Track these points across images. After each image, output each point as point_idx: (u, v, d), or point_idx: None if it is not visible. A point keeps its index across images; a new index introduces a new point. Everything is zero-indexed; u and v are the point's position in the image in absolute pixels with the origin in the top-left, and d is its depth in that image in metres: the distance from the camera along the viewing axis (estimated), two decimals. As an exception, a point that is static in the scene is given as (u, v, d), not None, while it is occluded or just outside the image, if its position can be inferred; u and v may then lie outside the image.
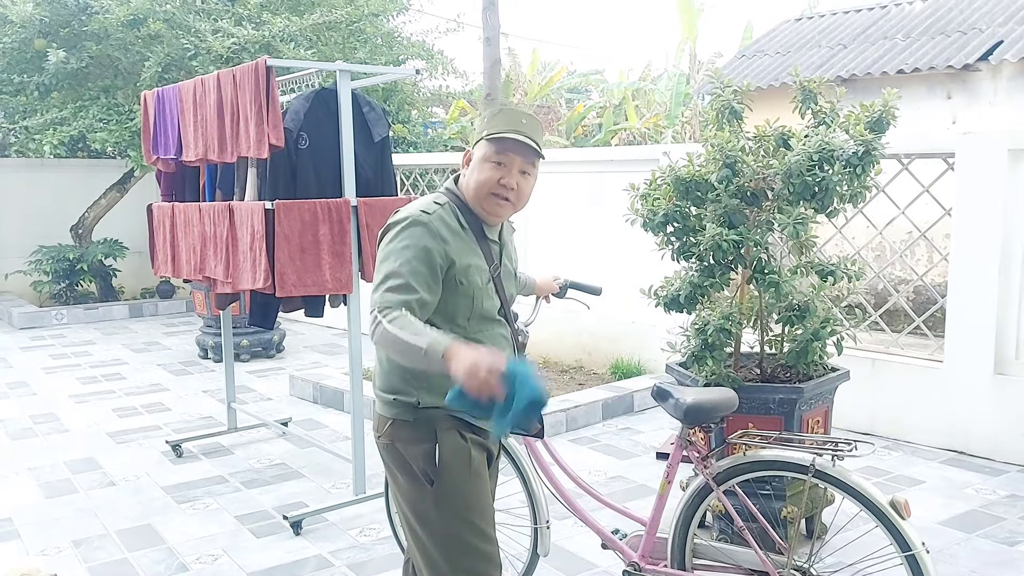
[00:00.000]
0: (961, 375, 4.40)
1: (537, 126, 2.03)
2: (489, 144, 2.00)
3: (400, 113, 9.80)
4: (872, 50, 8.36)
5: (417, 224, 1.94)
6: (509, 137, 1.97)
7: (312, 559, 3.32)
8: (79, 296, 9.49)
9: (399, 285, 1.88)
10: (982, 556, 3.24)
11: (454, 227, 1.99)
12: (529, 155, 2.00)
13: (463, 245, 1.99)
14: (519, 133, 1.98)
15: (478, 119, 2.27)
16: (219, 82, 3.74)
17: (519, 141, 1.98)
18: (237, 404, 4.90)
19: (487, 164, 2.00)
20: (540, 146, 2.01)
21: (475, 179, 2.01)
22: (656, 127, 12.91)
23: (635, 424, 5.05)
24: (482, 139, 2.02)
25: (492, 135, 1.99)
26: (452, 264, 1.96)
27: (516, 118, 2.01)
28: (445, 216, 1.99)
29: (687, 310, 3.26)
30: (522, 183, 2.02)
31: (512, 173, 2.00)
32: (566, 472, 2.77)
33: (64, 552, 3.40)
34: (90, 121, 7.90)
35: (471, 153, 2.06)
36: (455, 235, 1.98)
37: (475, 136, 2.07)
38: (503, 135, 1.98)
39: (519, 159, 2.00)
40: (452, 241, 1.97)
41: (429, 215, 1.97)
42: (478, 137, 2.05)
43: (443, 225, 1.97)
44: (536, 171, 2.06)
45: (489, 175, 1.99)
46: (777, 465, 2.41)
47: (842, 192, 3.07)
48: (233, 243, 3.72)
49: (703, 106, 10.93)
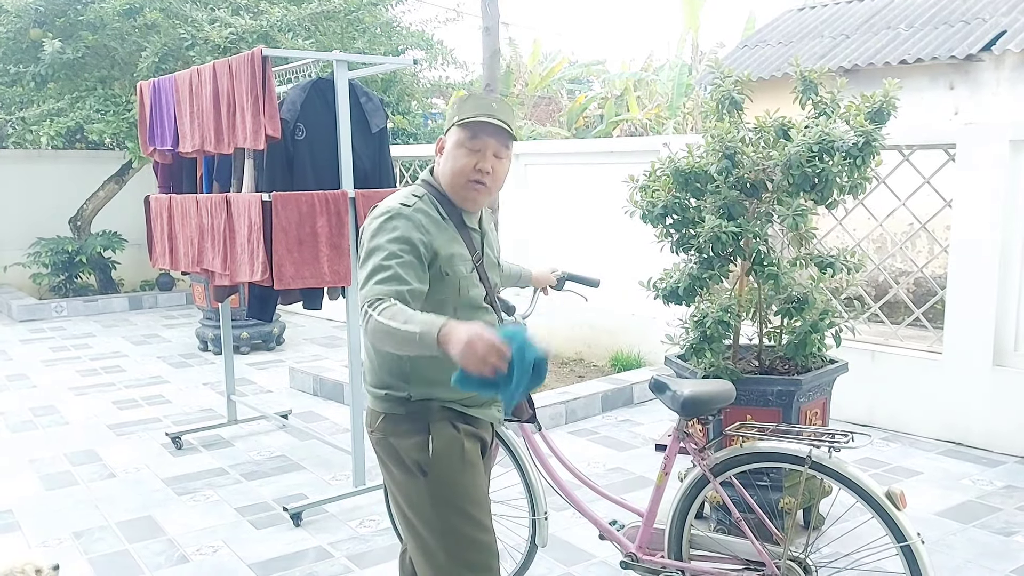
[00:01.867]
0: (960, 367, 4.39)
1: (508, 109, 2.03)
2: (461, 130, 1.98)
3: (400, 104, 9.76)
4: (875, 40, 8.32)
5: (399, 216, 1.93)
6: (481, 121, 1.95)
7: (312, 550, 3.33)
8: (78, 288, 9.49)
9: (388, 277, 1.87)
10: (978, 547, 3.25)
11: (435, 218, 1.99)
12: (502, 137, 1.98)
13: (445, 235, 1.99)
14: (491, 116, 1.96)
15: (449, 108, 2.25)
16: (215, 72, 3.73)
17: (491, 124, 1.96)
18: (237, 396, 4.90)
19: (461, 150, 1.98)
20: (512, 128, 2.00)
21: (450, 167, 2.00)
22: (658, 118, 12.86)
23: (634, 416, 5.06)
24: (454, 126, 2.00)
25: (463, 120, 1.97)
26: (436, 255, 1.96)
27: (486, 103, 1.99)
28: (425, 207, 1.98)
29: (686, 302, 3.26)
30: (497, 166, 2.01)
31: (487, 157, 1.98)
32: (564, 464, 2.78)
33: (65, 543, 3.41)
34: (87, 112, 7.87)
35: (443, 141, 2.04)
36: (436, 226, 1.98)
37: (447, 122, 2.05)
38: (475, 119, 1.96)
39: (492, 142, 1.98)
40: (434, 232, 1.96)
41: (409, 207, 1.96)
42: (449, 124, 2.03)
43: (424, 217, 1.96)
44: (510, 154, 2.05)
45: (465, 162, 1.98)
46: (774, 456, 2.41)
47: (842, 183, 3.06)
48: (231, 235, 3.71)
49: (704, 96, 10.89)
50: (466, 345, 1.62)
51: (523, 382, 1.64)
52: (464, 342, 1.62)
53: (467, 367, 1.63)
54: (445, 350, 1.67)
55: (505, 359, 1.62)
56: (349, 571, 3.14)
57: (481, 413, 2.07)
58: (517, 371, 1.63)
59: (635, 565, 2.64)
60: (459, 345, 1.63)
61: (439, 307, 1.97)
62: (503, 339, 1.63)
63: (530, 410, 2.21)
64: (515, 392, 1.65)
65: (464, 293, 2.01)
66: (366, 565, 3.19)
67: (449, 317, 1.88)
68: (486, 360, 1.61)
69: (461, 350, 1.63)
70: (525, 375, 1.64)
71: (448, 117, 2.05)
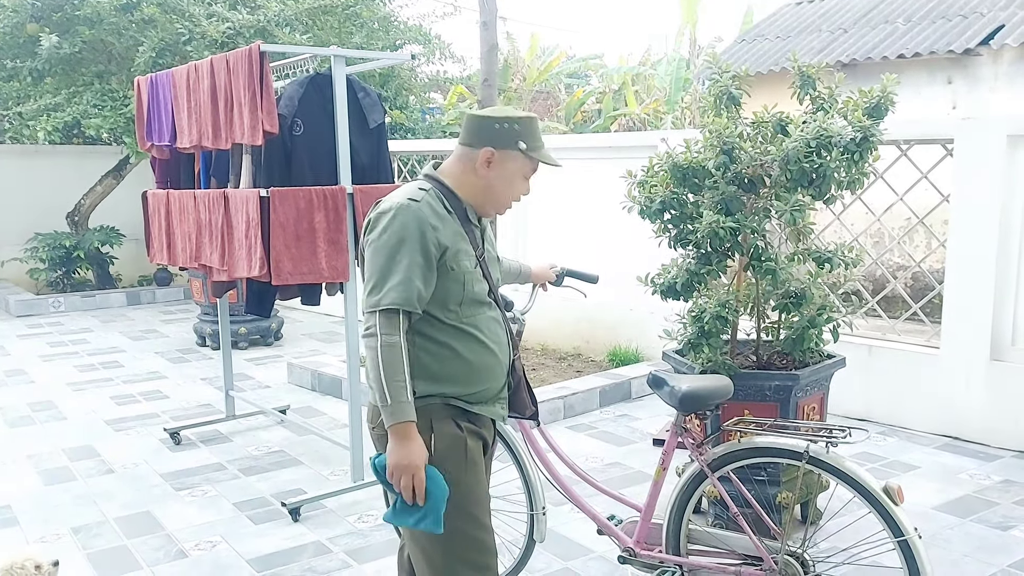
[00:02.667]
0: (957, 361, 4.40)
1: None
2: (527, 160, 2.04)
3: (397, 99, 9.74)
4: (873, 34, 8.31)
5: (408, 212, 1.92)
6: (550, 161, 2.06)
7: (310, 545, 3.33)
8: (76, 284, 9.47)
9: (401, 281, 1.88)
10: (975, 541, 3.26)
11: (441, 213, 1.98)
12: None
13: (451, 230, 1.99)
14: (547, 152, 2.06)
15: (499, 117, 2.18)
16: (212, 68, 3.72)
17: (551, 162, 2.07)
18: (235, 392, 4.90)
19: (520, 178, 2.06)
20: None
21: (504, 190, 2.05)
22: (656, 113, 12.85)
23: (632, 411, 5.07)
24: (518, 151, 2.01)
25: (532, 153, 2.03)
26: (445, 250, 1.95)
27: (540, 130, 2.08)
28: (432, 202, 1.98)
29: (684, 297, 3.26)
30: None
31: (529, 183, 2.10)
32: (562, 459, 2.78)
33: (63, 539, 3.41)
34: (84, 107, 7.85)
35: (494, 156, 2.00)
36: (443, 221, 1.98)
37: (501, 139, 2.00)
38: (544, 159, 2.05)
39: (537, 170, 2.10)
40: (442, 227, 1.96)
41: (418, 202, 1.95)
42: (510, 145, 2.00)
43: (432, 212, 1.96)
44: None
45: (520, 189, 2.08)
46: (772, 452, 2.42)
47: (840, 179, 3.06)
48: (228, 231, 3.71)
49: (702, 91, 10.88)
50: (398, 466, 1.87)
51: (403, 517, 1.93)
52: (398, 462, 1.87)
53: (389, 473, 1.89)
54: (390, 436, 1.88)
55: (419, 497, 1.89)
56: (348, 566, 3.15)
57: (485, 410, 2.06)
58: (415, 512, 1.91)
59: (633, 560, 2.65)
60: (395, 457, 1.88)
61: (445, 302, 1.97)
62: (429, 485, 1.89)
63: (533, 407, 2.22)
64: (399, 518, 1.94)
65: (469, 288, 2.00)
66: (365, 560, 3.19)
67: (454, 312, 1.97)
68: (406, 488, 1.88)
69: (395, 462, 1.88)
70: (413, 516, 1.91)
71: (503, 133, 2.00)
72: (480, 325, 2.01)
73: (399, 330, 1.88)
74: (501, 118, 2.00)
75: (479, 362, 2.00)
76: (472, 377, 2.00)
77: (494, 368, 2.05)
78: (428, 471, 1.89)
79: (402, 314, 1.89)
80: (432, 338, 1.96)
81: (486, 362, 2.02)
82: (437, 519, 1.89)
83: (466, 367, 1.99)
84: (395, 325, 1.87)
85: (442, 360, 1.96)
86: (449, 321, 1.97)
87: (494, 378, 2.05)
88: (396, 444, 1.86)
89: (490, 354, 2.03)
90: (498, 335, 2.06)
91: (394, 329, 1.87)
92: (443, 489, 1.90)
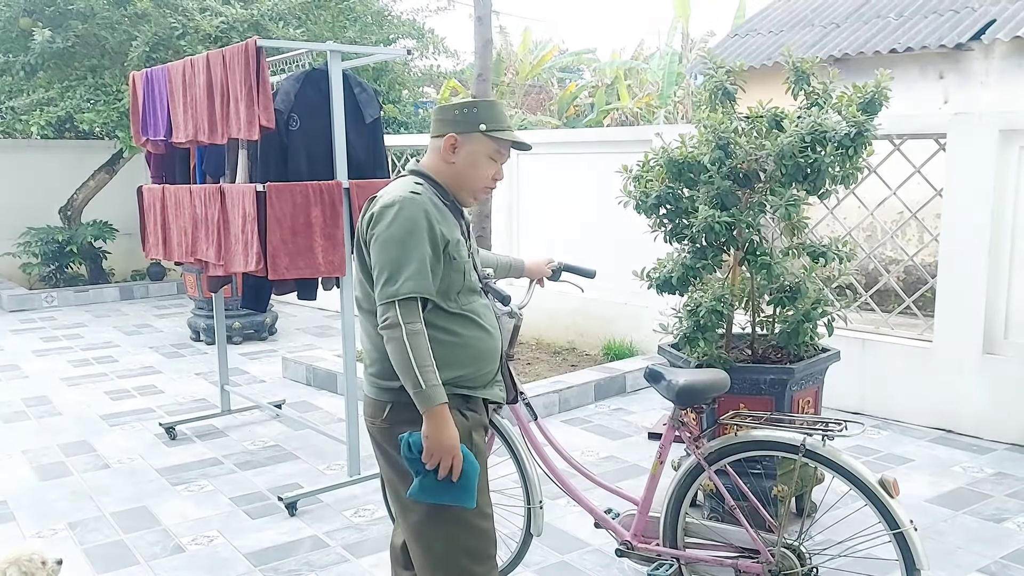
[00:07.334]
0: (950, 355, 4.44)
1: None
2: (490, 141, 2.06)
3: (391, 93, 9.72)
4: (865, 29, 8.34)
5: (414, 205, 1.96)
6: (513, 140, 2.08)
7: (307, 539, 3.34)
8: (69, 278, 9.44)
9: (416, 270, 1.92)
10: (969, 533, 3.29)
11: (439, 206, 2.04)
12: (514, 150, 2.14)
13: (449, 222, 2.04)
14: (514, 132, 2.09)
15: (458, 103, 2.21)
16: (208, 63, 3.70)
17: (518, 143, 2.08)
18: (230, 386, 4.90)
19: (485, 159, 2.07)
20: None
21: (471, 173, 2.07)
22: (648, 107, 12.86)
23: (627, 405, 5.09)
24: (478, 133, 2.03)
25: (494, 133, 2.04)
26: (447, 242, 2.00)
27: (505, 113, 2.09)
28: (431, 196, 2.03)
29: (679, 292, 3.27)
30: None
31: (502, 167, 2.12)
32: (559, 452, 2.79)
33: (60, 534, 3.41)
34: (77, 102, 7.81)
35: (457, 140, 2.05)
36: (442, 212, 2.03)
37: (462, 123, 2.05)
38: (506, 137, 2.06)
39: (507, 153, 2.11)
40: (442, 219, 2.01)
41: (420, 196, 1.99)
42: (471, 128, 2.04)
43: (433, 205, 2.00)
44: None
45: (488, 171, 2.08)
46: (768, 445, 2.43)
47: (834, 173, 3.07)
48: (224, 225, 3.70)
49: (696, 86, 10.89)
50: (439, 445, 1.88)
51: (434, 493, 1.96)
52: (440, 441, 1.88)
53: (425, 451, 1.90)
54: (426, 420, 1.88)
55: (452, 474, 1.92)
56: (344, 560, 3.16)
57: (487, 393, 2.12)
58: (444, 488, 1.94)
59: (630, 553, 2.66)
60: (436, 437, 1.88)
61: (447, 291, 2.02)
62: (464, 465, 1.93)
63: (514, 391, 2.31)
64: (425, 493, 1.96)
65: (467, 278, 2.07)
66: (361, 554, 3.20)
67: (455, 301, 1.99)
68: (444, 465, 1.90)
69: (435, 442, 1.88)
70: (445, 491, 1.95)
71: (464, 117, 2.04)
72: (478, 311, 2.09)
73: (419, 317, 1.92)
74: (460, 104, 2.06)
75: (482, 346, 2.07)
76: (477, 360, 2.07)
77: (495, 350, 2.13)
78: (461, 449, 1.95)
79: (419, 301, 1.93)
80: (439, 326, 2.00)
81: (488, 345, 2.09)
82: (471, 494, 1.95)
83: (471, 351, 2.05)
84: (415, 312, 1.91)
85: (449, 346, 2.01)
86: (451, 309, 2.02)
87: (494, 360, 2.13)
88: (435, 426, 1.88)
89: (490, 337, 2.11)
90: (492, 320, 2.15)
91: (415, 317, 1.91)
92: (475, 466, 1.95)
